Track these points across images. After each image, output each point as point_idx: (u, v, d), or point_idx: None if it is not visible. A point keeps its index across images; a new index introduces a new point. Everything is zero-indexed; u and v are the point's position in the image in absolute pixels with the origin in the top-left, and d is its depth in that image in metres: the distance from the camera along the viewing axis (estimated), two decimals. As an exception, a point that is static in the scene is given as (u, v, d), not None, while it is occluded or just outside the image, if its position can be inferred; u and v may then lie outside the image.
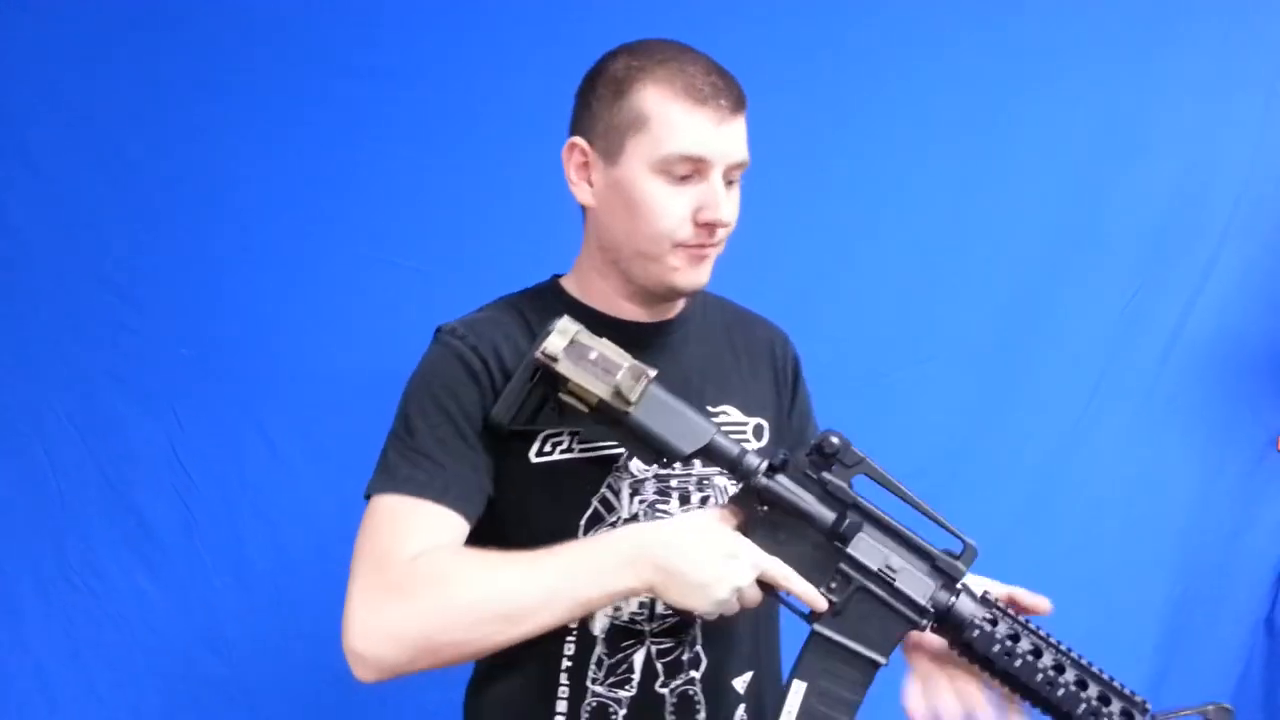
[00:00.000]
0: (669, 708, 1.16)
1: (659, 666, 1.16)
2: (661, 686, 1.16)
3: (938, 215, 1.98)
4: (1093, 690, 1.04)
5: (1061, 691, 1.04)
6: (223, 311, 1.77)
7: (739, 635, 1.21)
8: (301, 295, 1.79)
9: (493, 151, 1.81)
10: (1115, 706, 1.04)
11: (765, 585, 1.04)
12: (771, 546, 1.05)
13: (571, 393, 1.06)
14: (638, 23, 1.69)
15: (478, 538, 1.09)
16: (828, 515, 1.05)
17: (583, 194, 1.15)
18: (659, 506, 1.16)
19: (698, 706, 1.17)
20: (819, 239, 1.94)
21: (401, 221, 1.81)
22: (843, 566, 1.05)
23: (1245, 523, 2.08)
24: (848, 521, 1.05)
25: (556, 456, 1.14)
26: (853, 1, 1.95)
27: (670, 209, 1.10)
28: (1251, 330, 2.08)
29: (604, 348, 1.07)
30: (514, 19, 1.84)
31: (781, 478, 1.06)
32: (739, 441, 1.10)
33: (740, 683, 1.22)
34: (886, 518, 1.07)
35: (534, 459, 1.13)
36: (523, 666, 1.14)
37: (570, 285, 1.22)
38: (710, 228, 1.11)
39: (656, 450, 1.07)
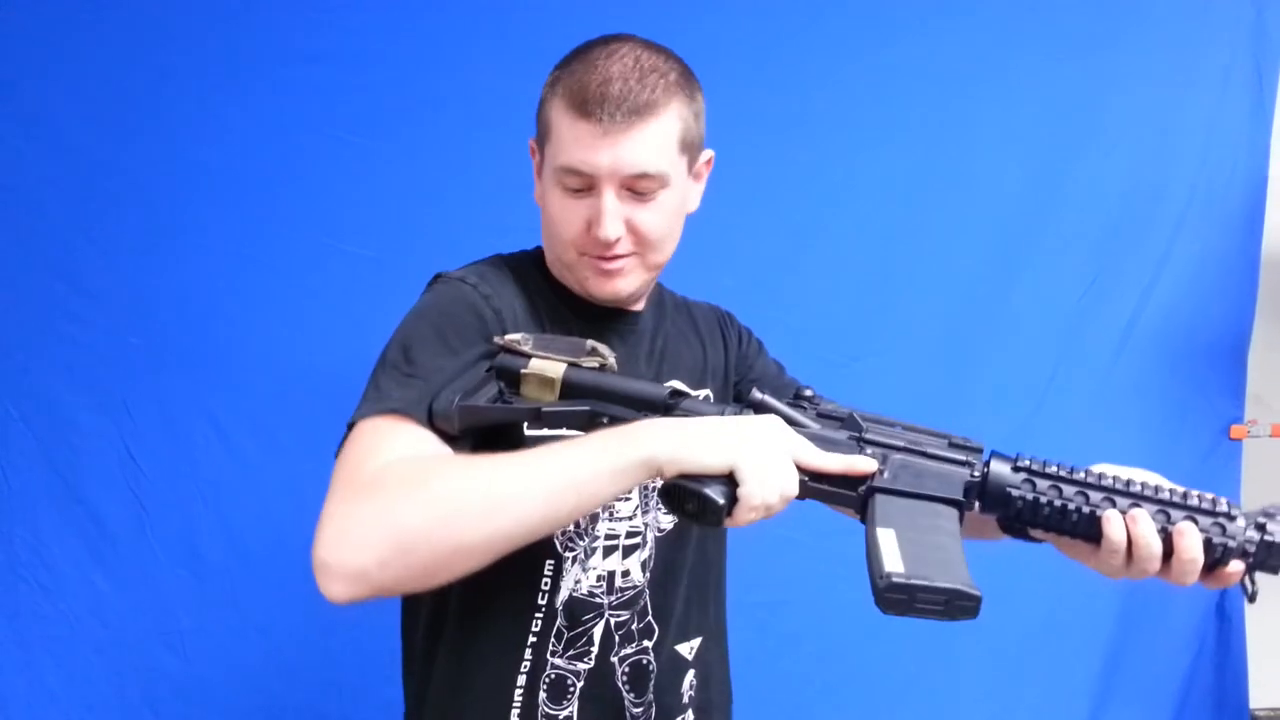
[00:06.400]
0: (621, 676, 1.17)
1: (616, 638, 1.17)
2: (613, 656, 1.16)
3: (894, 208, 1.99)
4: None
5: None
6: (173, 301, 1.75)
7: (688, 602, 1.21)
8: (254, 283, 1.76)
9: (448, 138, 1.79)
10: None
11: (805, 490, 0.98)
12: None
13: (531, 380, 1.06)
14: (595, 10, 1.70)
15: None
16: (832, 423, 1.04)
17: (536, 194, 1.16)
18: None
19: (650, 673, 1.18)
20: (776, 231, 1.95)
21: (356, 209, 1.79)
22: (869, 445, 1.02)
23: (1198, 510, 2.11)
24: (849, 422, 1.04)
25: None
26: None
27: (567, 220, 1.09)
28: (1205, 321, 2.11)
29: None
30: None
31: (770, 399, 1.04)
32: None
33: (687, 649, 1.22)
34: (887, 419, 1.04)
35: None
36: (484, 640, 1.12)
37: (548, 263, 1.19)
38: (600, 243, 1.09)
39: (640, 405, 1.04)
